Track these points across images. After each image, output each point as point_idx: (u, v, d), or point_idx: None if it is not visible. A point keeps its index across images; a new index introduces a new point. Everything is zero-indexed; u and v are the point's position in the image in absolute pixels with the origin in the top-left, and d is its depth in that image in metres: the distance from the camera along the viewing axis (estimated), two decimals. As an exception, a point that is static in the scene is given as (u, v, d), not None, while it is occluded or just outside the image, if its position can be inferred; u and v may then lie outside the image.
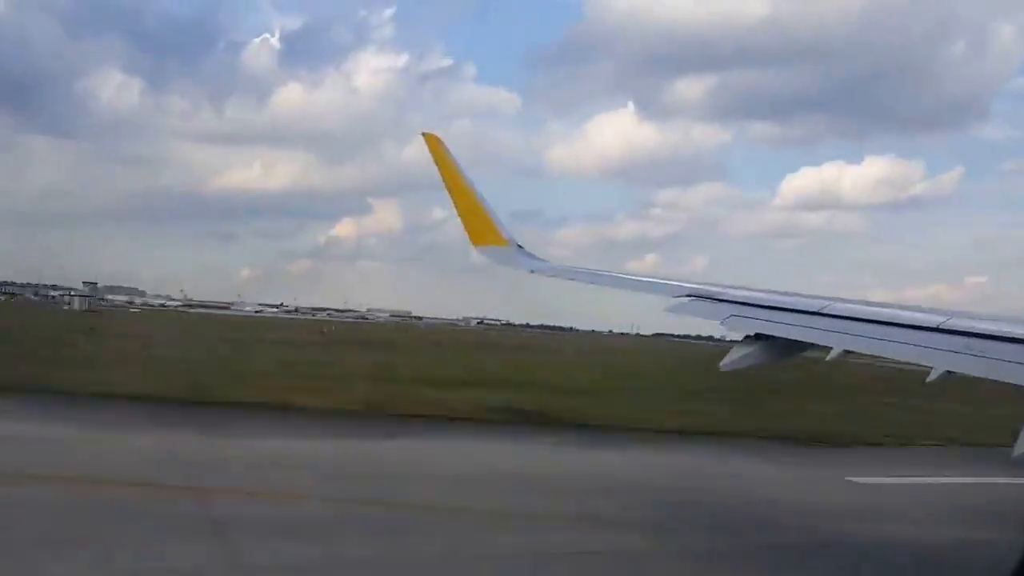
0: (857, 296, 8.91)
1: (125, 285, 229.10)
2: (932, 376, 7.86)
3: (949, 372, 7.31)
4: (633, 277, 10.55)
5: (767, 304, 8.36)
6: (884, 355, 7.81)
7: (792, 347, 8.23)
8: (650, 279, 10.20)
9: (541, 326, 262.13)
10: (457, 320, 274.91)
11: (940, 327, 7.54)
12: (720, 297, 8.77)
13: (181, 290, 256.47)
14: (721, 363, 8.60)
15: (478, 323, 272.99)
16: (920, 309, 8.22)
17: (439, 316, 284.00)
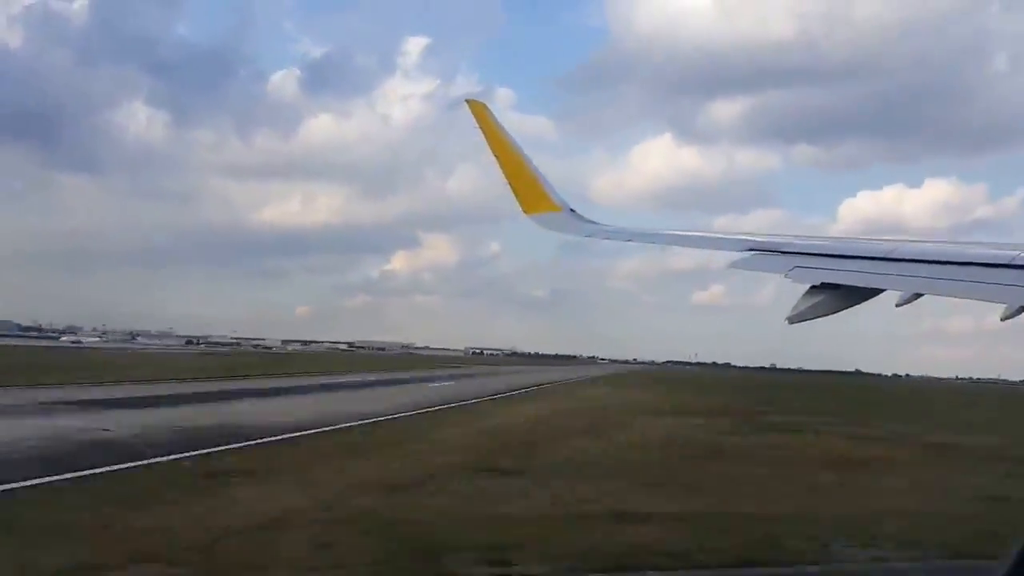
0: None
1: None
2: (1006, 312, 7.78)
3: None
4: (691, 233, 10.48)
5: (833, 252, 8.27)
6: (957, 295, 7.73)
7: (860, 293, 8.18)
8: (708, 234, 10.10)
9: (556, 355, 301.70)
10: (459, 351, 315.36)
11: (1013, 262, 7.43)
12: (783, 249, 8.66)
13: (36, 321, 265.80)
14: (787, 316, 8.59)
15: (474, 353, 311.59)
16: (990, 246, 8.08)
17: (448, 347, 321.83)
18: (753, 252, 8.92)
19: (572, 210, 12.30)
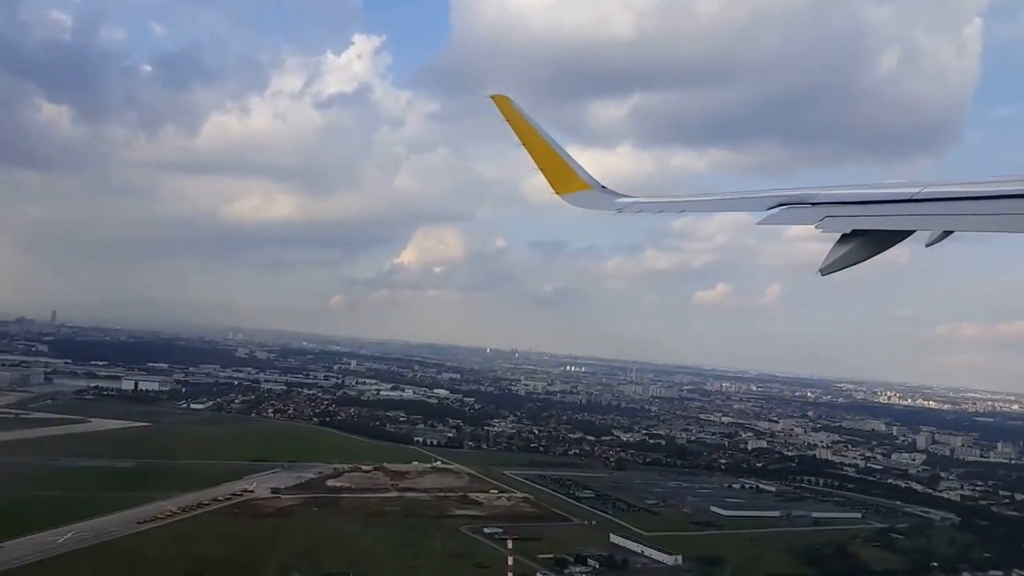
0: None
1: None
2: (930, 239, 8.05)
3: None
4: (719, 197, 10.72)
5: (862, 199, 8.47)
6: (986, 228, 7.87)
7: (891, 237, 8.36)
8: (736, 195, 10.34)
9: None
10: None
11: None
12: (812, 200, 8.90)
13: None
14: (820, 266, 8.79)
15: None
16: (1016, 180, 8.19)
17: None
18: (782, 207, 9.15)
19: (603, 187, 12.62)
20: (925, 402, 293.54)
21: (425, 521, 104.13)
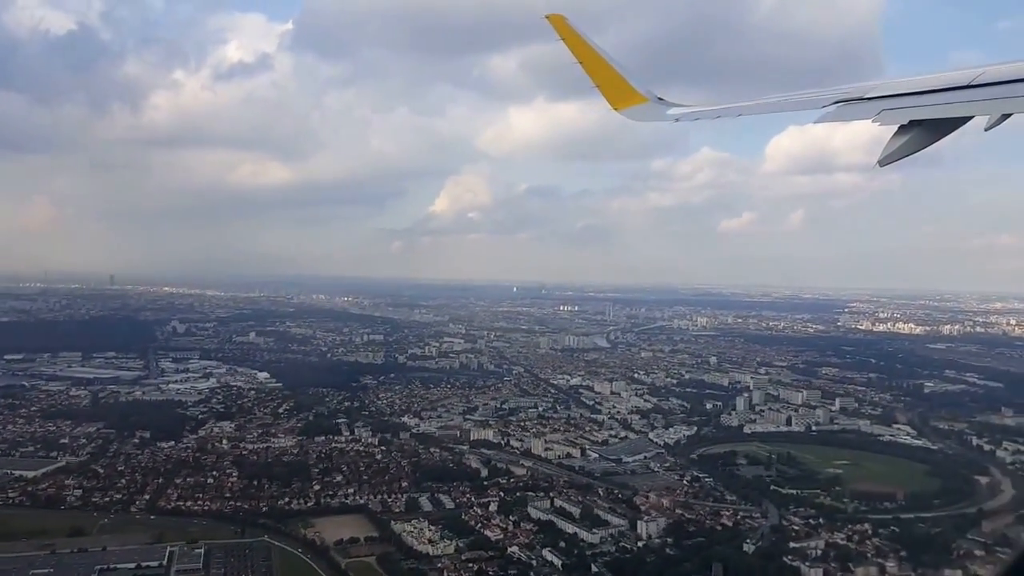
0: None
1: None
2: (989, 122, 8.18)
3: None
4: (775, 99, 10.93)
5: (918, 90, 8.64)
6: None
7: (948, 124, 8.55)
8: (794, 95, 10.55)
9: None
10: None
11: None
12: (868, 95, 9.09)
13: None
14: (878, 158, 9.05)
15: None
16: None
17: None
18: (839, 103, 9.36)
19: (660, 98, 12.87)
20: (904, 325, 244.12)
21: None
